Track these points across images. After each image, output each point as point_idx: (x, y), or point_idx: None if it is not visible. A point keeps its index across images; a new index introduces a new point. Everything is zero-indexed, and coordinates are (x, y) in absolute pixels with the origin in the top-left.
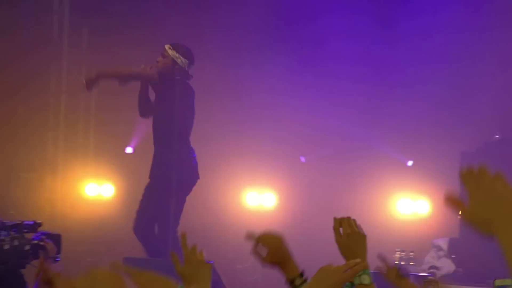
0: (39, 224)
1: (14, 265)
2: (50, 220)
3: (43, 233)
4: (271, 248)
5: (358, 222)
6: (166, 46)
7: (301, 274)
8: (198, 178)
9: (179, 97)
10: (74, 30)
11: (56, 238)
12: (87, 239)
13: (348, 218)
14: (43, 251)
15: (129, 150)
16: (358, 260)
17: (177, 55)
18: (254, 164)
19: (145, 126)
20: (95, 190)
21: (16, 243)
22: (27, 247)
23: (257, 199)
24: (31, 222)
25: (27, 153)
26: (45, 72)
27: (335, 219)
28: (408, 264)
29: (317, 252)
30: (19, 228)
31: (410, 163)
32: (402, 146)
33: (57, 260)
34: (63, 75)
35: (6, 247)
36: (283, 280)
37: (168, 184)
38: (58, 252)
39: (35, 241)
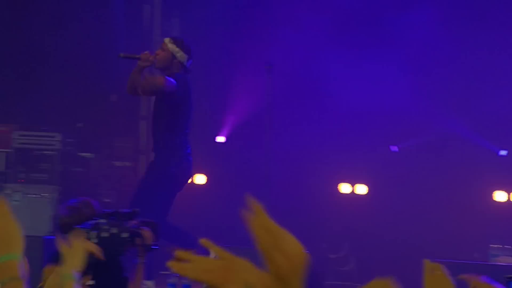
0: (137, 212)
1: (113, 253)
2: None
3: (140, 221)
4: None
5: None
6: (166, 40)
7: None
8: (191, 175)
9: (177, 92)
10: (165, 20)
11: (153, 226)
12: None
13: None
14: (141, 239)
15: (221, 139)
16: None
17: (176, 49)
18: (347, 157)
19: (235, 114)
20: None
21: (114, 231)
22: (125, 235)
23: (350, 190)
24: (129, 210)
25: (121, 142)
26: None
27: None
28: (505, 257)
29: (408, 244)
30: (117, 216)
31: (503, 152)
32: (494, 136)
33: (154, 248)
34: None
35: (105, 235)
36: (376, 270)
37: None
38: (156, 239)
39: (133, 229)
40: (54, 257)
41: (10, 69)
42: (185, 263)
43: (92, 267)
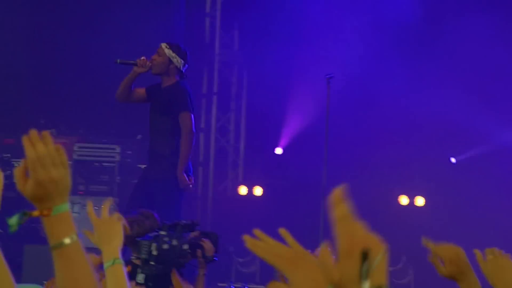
0: (197, 223)
1: (173, 265)
2: (202, 219)
3: (201, 232)
4: (451, 259)
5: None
6: (163, 45)
7: None
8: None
9: (173, 98)
10: (225, 32)
11: (213, 237)
12: (238, 239)
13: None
14: (201, 251)
15: (278, 151)
16: None
17: (173, 54)
18: (405, 169)
19: (293, 126)
20: (245, 190)
21: (175, 242)
22: (186, 247)
23: (407, 202)
24: (189, 222)
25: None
26: (198, 73)
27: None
28: None
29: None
30: (177, 227)
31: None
32: None
33: (215, 260)
34: (214, 76)
35: (165, 246)
36: (434, 282)
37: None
38: (216, 251)
39: (194, 241)
40: None
41: (72, 82)
42: (259, 242)
43: (152, 279)
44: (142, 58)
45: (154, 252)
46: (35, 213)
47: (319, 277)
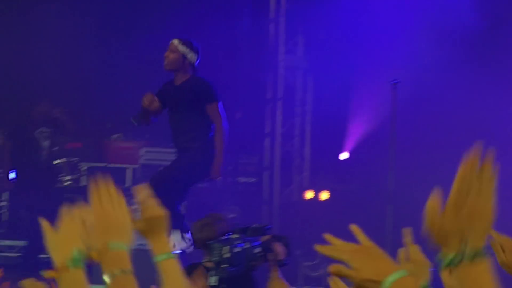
0: (268, 227)
1: (245, 268)
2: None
3: (272, 236)
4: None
5: None
6: (175, 41)
7: None
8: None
9: (195, 91)
10: (290, 38)
11: (284, 241)
12: (305, 243)
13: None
14: (273, 254)
15: (344, 155)
16: None
17: (187, 50)
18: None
19: (359, 131)
20: (311, 194)
21: (247, 245)
22: (257, 250)
23: None
24: (260, 225)
25: (245, 159)
26: (262, 79)
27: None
28: None
29: None
30: (249, 231)
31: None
32: None
33: (286, 264)
34: (279, 82)
35: (237, 249)
36: None
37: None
38: (288, 254)
39: (265, 244)
40: (186, 271)
41: (138, 87)
42: (330, 246)
43: (225, 281)
44: (144, 97)
45: (226, 255)
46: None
47: (388, 267)
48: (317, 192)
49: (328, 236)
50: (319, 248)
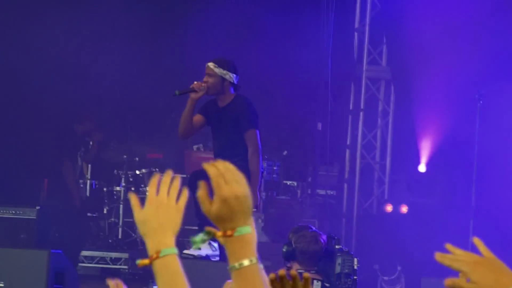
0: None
1: None
2: (347, 237)
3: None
4: None
5: None
6: (211, 65)
7: None
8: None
9: (238, 115)
10: (373, 48)
11: None
12: (383, 257)
13: None
14: None
15: (422, 168)
16: None
17: (224, 71)
18: None
19: (438, 144)
20: (390, 208)
21: None
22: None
23: None
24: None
25: (325, 171)
26: (346, 90)
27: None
28: None
29: None
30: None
31: None
32: None
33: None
34: (362, 92)
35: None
36: None
37: None
38: None
39: None
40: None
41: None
42: (450, 255)
43: None
44: (196, 82)
45: (356, 266)
46: (219, 233)
47: (510, 282)
48: (396, 205)
49: (449, 246)
50: (439, 257)
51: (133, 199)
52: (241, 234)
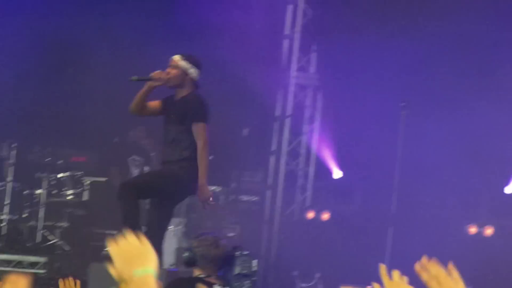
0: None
1: None
2: (267, 243)
3: None
4: None
5: None
6: (176, 57)
7: None
8: (192, 193)
9: (188, 108)
10: (303, 55)
11: None
12: (303, 264)
13: None
14: None
15: (337, 174)
16: None
17: (188, 65)
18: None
19: (363, 151)
20: (312, 214)
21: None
22: None
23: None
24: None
25: (249, 177)
26: (272, 95)
27: None
28: None
29: None
30: None
31: None
32: None
33: None
34: (289, 99)
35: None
36: None
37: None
38: None
39: None
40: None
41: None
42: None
43: None
44: (157, 71)
45: (255, 268)
46: None
47: None
48: (318, 212)
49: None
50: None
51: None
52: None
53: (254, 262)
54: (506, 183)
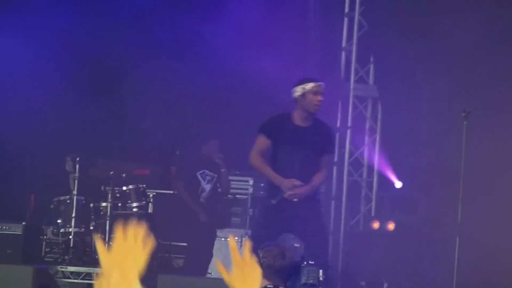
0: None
1: None
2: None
3: None
4: None
5: None
6: (323, 84)
7: None
8: None
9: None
10: (360, 67)
11: None
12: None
13: None
14: None
15: (398, 184)
16: None
17: None
18: None
19: (427, 162)
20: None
21: None
22: None
23: None
24: None
25: None
26: (332, 108)
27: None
28: None
29: None
30: None
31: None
32: None
33: None
34: (349, 111)
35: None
36: None
37: None
38: None
39: None
40: None
41: (206, 115)
42: None
43: None
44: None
45: (321, 278)
46: None
47: None
48: (383, 222)
49: None
50: None
51: (99, 243)
52: None
53: (320, 272)
54: None
